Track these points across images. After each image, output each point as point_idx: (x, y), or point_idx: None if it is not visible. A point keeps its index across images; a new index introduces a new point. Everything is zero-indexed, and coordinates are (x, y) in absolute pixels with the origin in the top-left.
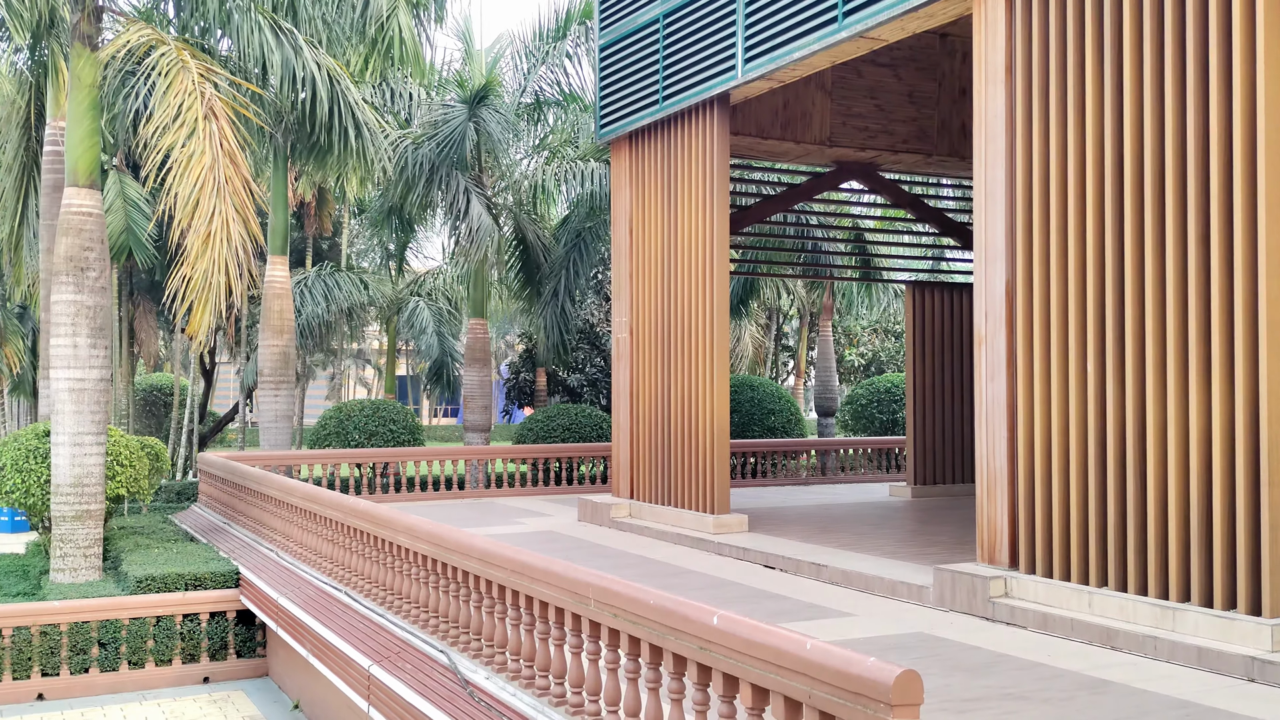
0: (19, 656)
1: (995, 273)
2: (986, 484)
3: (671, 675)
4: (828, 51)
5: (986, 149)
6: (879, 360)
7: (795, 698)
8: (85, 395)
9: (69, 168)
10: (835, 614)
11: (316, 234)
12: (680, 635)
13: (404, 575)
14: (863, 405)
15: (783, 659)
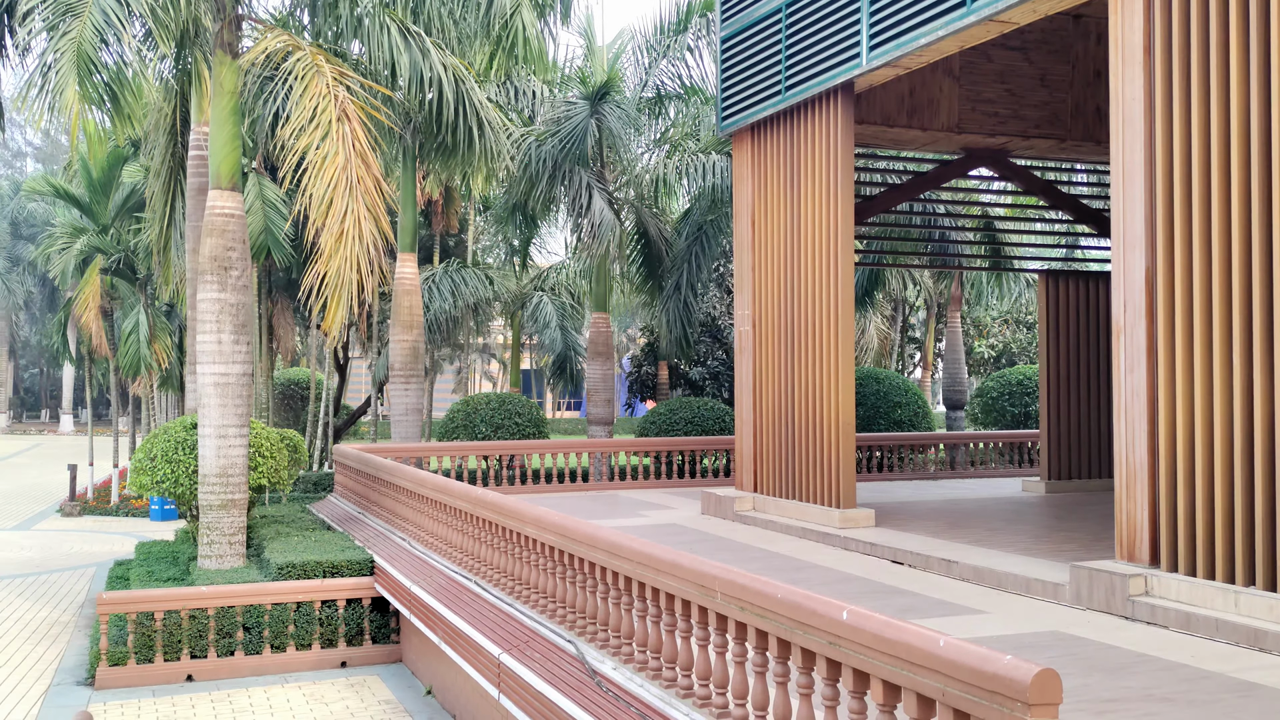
0: (169, 639)
1: (1134, 260)
2: (1125, 479)
3: (800, 670)
4: (956, 36)
5: (1124, 132)
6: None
7: (928, 695)
8: (229, 389)
9: (212, 171)
10: (966, 611)
11: (443, 231)
12: (809, 630)
13: (532, 565)
14: (993, 398)
15: (915, 655)
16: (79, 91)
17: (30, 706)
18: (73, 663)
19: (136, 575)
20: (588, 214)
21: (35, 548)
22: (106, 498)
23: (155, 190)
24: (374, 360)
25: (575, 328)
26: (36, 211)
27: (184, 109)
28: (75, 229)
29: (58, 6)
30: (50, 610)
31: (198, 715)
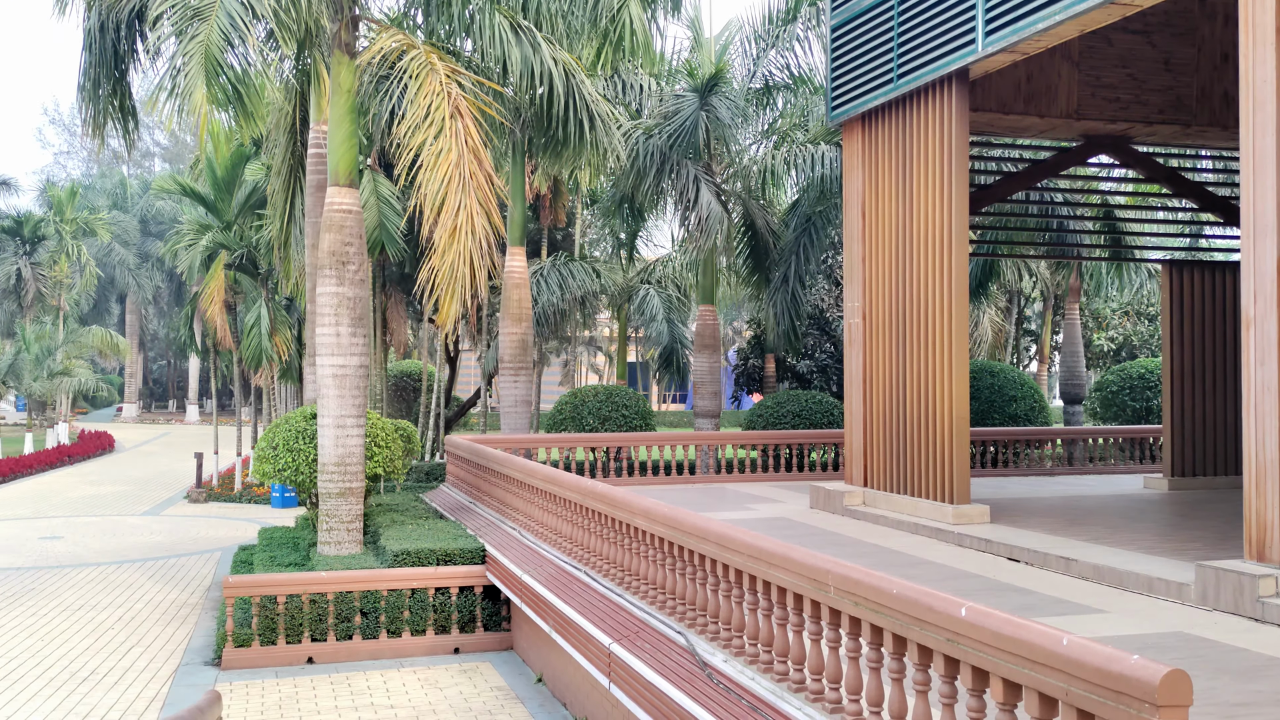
0: (291, 622)
1: (1265, 249)
2: (1255, 476)
3: (916, 666)
4: (1076, 20)
5: (1254, 117)
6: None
7: (1050, 694)
8: (347, 381)
9: (330, 168)
10: (1086, 610)
11: (551, 225)
12: (926, 626)
13: (641, 557)
14: (1113, 392)
15: (1037, 654)
16: (207, 93)
17: (161, 685)
18: (200, 643)
19: (259, 560)
20: (695, 207)
21: (165, 532)
22: (230, 485)
23: (276, 188)
24: (483, 353)
25: (681, 320)
26: (164, 209)
27: (303, 109)
28: (201, 226)
29: (186, 10)
30: (179, 592)
31: (319, 697)
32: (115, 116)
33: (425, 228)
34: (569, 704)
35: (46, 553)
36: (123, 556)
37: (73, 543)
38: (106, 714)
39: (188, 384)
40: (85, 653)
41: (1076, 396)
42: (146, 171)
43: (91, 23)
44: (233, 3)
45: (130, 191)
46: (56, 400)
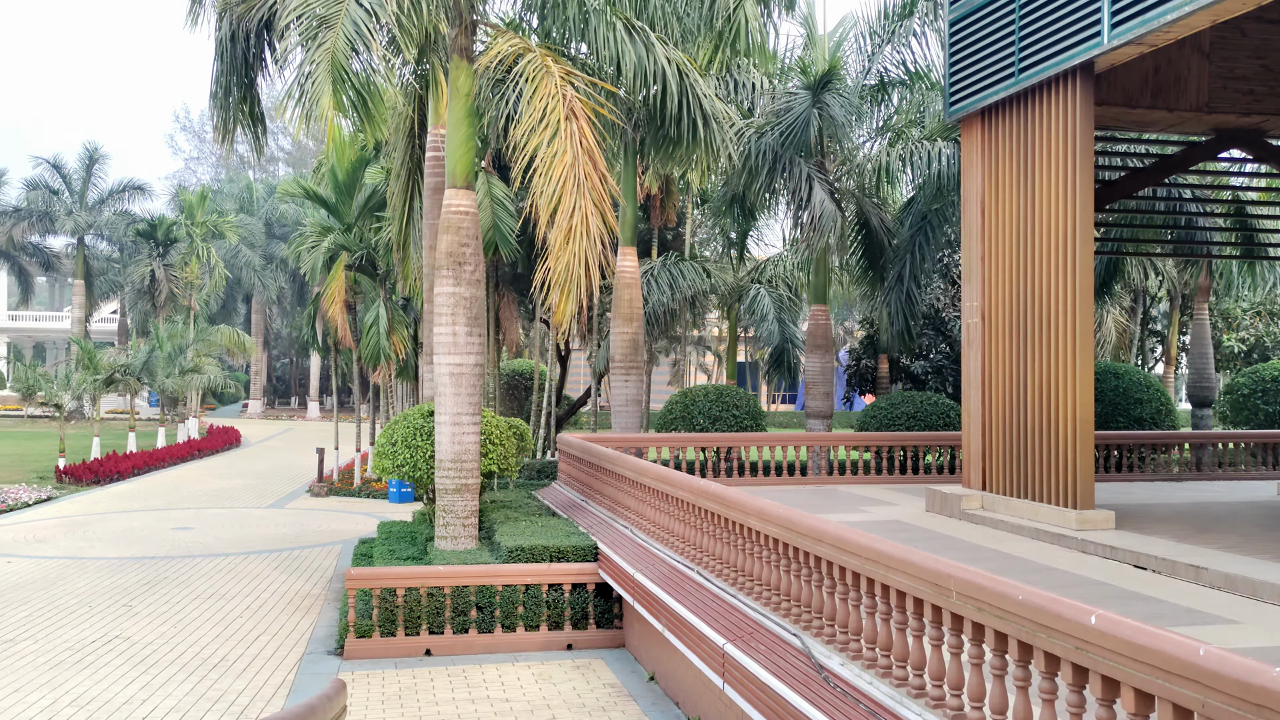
0: (410, 615)
1: None
2: None
3: (1042, 674)
4: (1208, 10)
5: None
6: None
7: (1186, 706)
8: (463, 379)
9: (448, 171)
10: (1218, 620)
11: (662, 225)
12: (1053, 634)
13: (755, 557)
14: (1245, 395)
15: (1171, 664)
16: (332, 99)
17: (287, 673)
18: (323, 633)
19: (379, 553)
20: (808, 205)
21: (289, 524)
22: (350, 480)
23: (395, 190)
24: (593, 352)
25: (792, 320)
26: (288, 212)
27: (421, 113)
28: (323, 228)
29: (313, 19)
30: (303, 583)
31: (437, 688)
32: (244, 123)
33: (540, 229)
34: (681, 703)
35: (178, 543)
36: (249, 548)
37: (203, 534)
38: (237, 699)
39: (309, 381)
40: (216, 640)
41: (1205, 399)
42: (271, 176)
43: (223, 32)
44: (357, 10)
45: (256, 195)
46: (187, 396)
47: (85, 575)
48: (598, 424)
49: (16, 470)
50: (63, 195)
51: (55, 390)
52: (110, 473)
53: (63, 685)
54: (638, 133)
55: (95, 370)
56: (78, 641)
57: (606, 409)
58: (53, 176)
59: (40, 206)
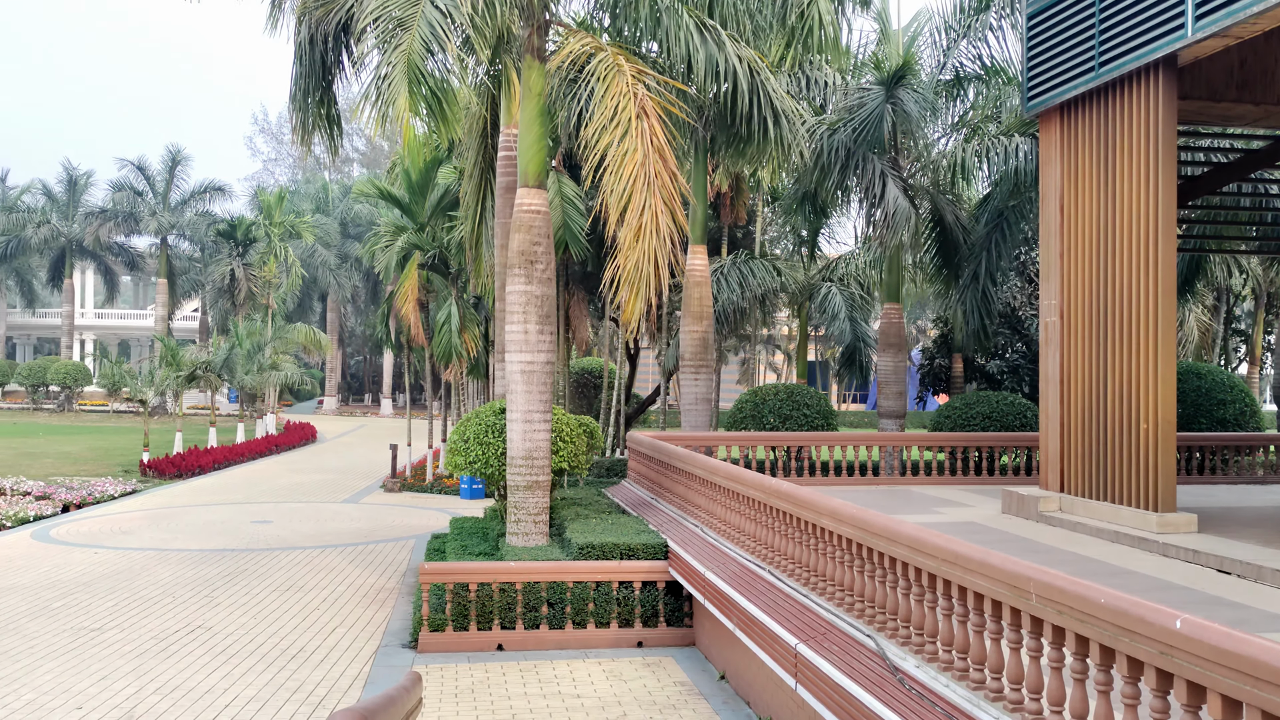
0: (482, 609)
1: None
2: None
3: (1125, 679)
4: None
5: None
6: None
7: (1275, 713)
8: (534, 377)
9: (520, 170)
10: None
11: (732, 223)
12: (1136, 638)
13: (827, 557)
14: None
15: (1261, 670)
16: (408, 100)
17: (363, 664)
18: (398, 626)
19: (451, 549)
20: (881, 203)
21: (363, 519)
22: (422, 476)
23: (468, 190)
24: (663, 350)
25: (864, 318)
26: (362, 212)
27: (494, 113)
28: (396, 228)
29: (389, 21)
30: (377, 577)
31: (509, 683)
32: (321, 125)
33: (610, 227)
34: (753, 702)
35: (258, 535)
36: (325, 541)
37: (281, 527)
38: (315, 689)
39: (382, 379)
40: (294, 631)
41: None
42: (346, 177)
43: (302, 36)
44: (433, 12)
45: (331, 196)
46: (265, 393)
47: (168, 566)
48: (667, 422)
49: (102, 464)
50: (147, 196)
51: (139, 386)
52: (192, 467)
53: (148, 673)
54: (708, 130)
55: (178, 367)
56: (161, 631)
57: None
58: (137, 178)
59: (125, 207)
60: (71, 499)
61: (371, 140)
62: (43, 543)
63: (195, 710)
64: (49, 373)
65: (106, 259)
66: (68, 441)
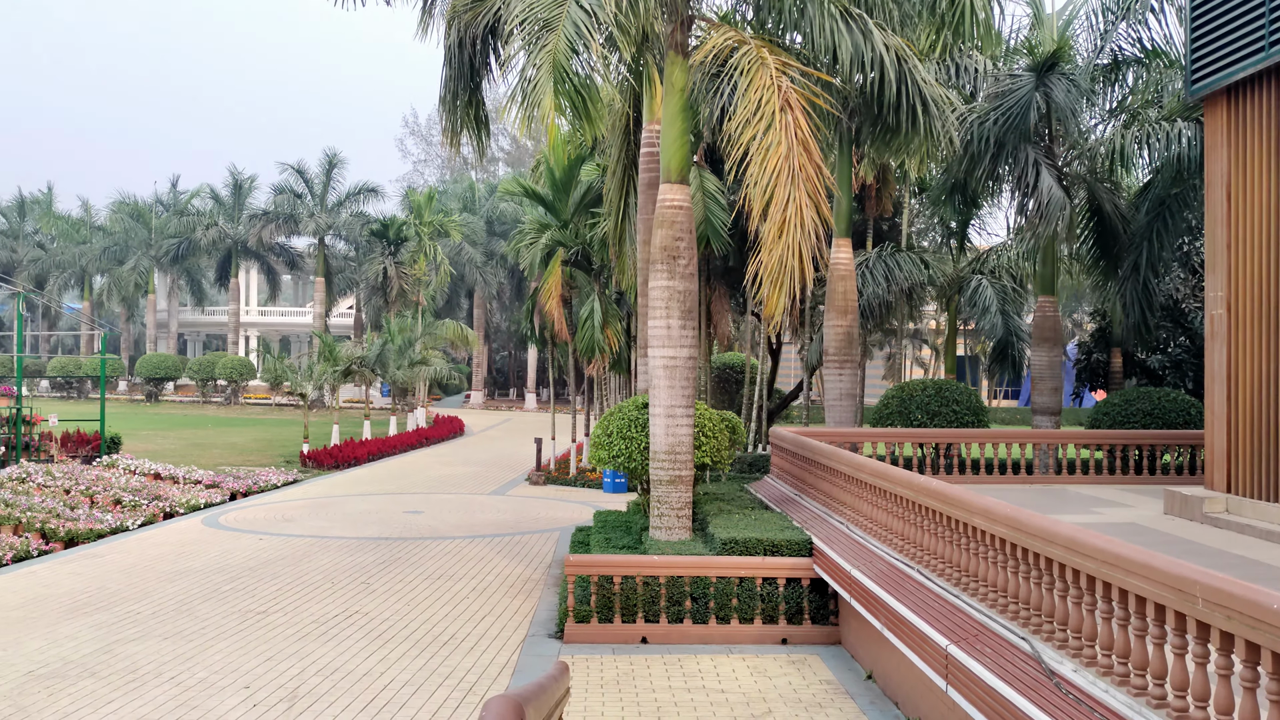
0: (626, 602)
1: None
2: None
3: None
4: None
5: None
6: None
7: None
8: (676, 372)
9: (663, 166)
10: None
11: (877, 215)
12: None
13: (979, 557)
14: None
15: None
16: (553, 99)
17: (511, 653)
18: (544, 616)
19: (595, 541)
20: (1034, 192)
21: (509, 511)
22: (566, 469)
23: (610, 186)
24: (805, 345)
25: (1016, 312)
26: (507, 210)
27: (636, 110)
28: (540, 225)
29: (535, 22)
30: (524, 568)
31: (653, 675)
32: (469, 125)
33: (752, 222)
34: (901, 703)
35: (409, 525)
36: (474, 532)
37: (431, 517)
38: (465, 675)
39: (526, 373)
40: (445, 618)
41: None
42: (492, 176)
43: (451, 40)
44: (578, 12)
45: (478, 195)
46: (415, 387)
47: (328, 553)
48: (810, 418)
49: (266, 454)
50: (305, 199)
51: (299, 380)
52: (348, 458)
53: (309, 656)
54: (853, 121)
55: (335, 362)
56: (322, 615)
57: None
58: (296, 181)
59: (286, 209)
60: (238, 488)
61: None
62: (212, 529)
63: (354, 692)
64: (217, 368)
65: (269, 259)
66: (234, 433)
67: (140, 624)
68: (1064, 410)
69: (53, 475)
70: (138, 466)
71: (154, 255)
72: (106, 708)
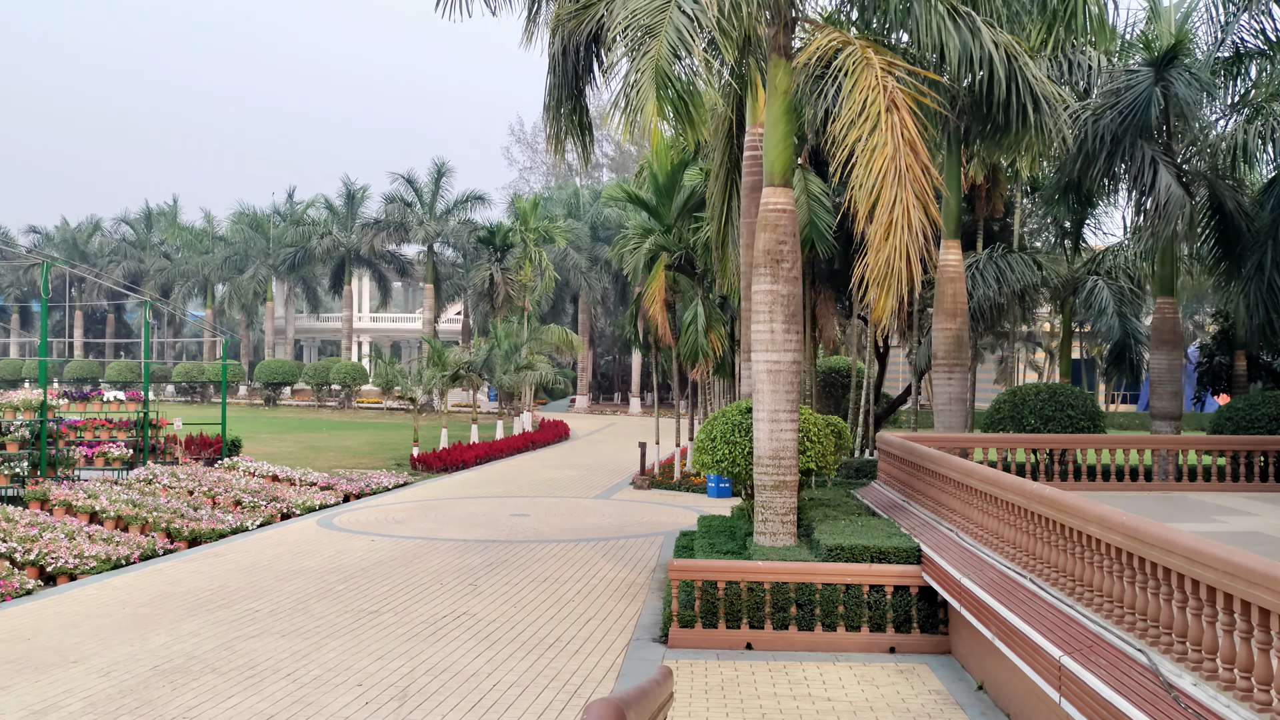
0: (730, 608)
1: None
2: None
3: None
4: None
5: None
6: None
7: None
8: (780, 376)
9: (766, 169)
10: None
11: (987, 215)
12: None
13: (1094, 566)
14: None
15: None
16: (655, 105)
17: (616, 656)
18: (648, 620)
19: (699, 546)
20: (1152, 191)
21: (614, 515)
22: (670, 474)
23: (713, 191)
24: (914, 349)
25: (1134, 314)
26: (611, 216)
27: (739, 113)
28: (644, 230)
29: (638, 29)
30: (628, 571)
31: (758, 682)
32: (574, 132)
33: (858, 224)
34: (1012, 715)
35: (516, 528)
36: (579, 535)
37: (537, 520)
38: (571, 678)
39: (630, 378)
40: (550, 621)
41: None
42: (595, 182)
43: (555, 48)
44: (680, 17)
45: (582, 201)
46: (521, 391)
47: (437, 555)
48: (918, 423)
49: (377, 457)
50: (415, 207)
51: (409, 385)
52: (456, 461)
53: (419, 655)
54: (962, 120)
55: (443, 367)
56: (431, 616)
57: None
58: (406, 190)
59: (396, 218)
60: (351, 490)
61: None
62: (327, 529)
63: (462, 691)
64: (331, 373)
65: (380, 266)
66: (347, 436)
67: (258, 621)
68: (1184, 415)
69: (177, 477)
70: (257, 469)
71: (272, 264)
72: (227, 702)
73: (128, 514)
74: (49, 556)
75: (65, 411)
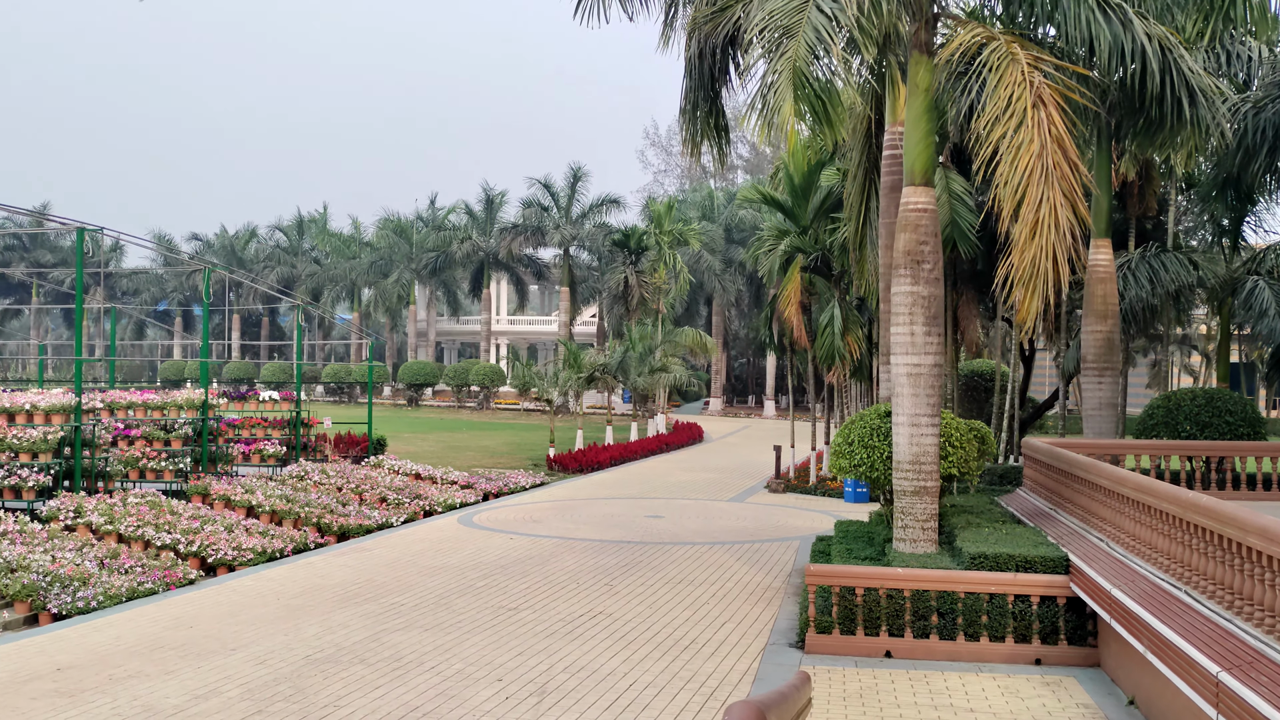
0: (869, 615)
1: None
2: None
3: None
4: None
5: None
6: None
7: None
8: (921, 380)
9: (906, 168)
10: None
11: (1140, 214)
12: None
13: (1254, 579)
14: None
15: None
16: (793, 105)
17: (751, 660)
18: (784, 625)
19: (836, 551)
20: None
21: (748, 518)
22: (805, 477)
23: (851, 191)
24: (1060, 352)
25: None
26: (745, 218)
27: (878, 113)
28: (779, 231)
29: (775, 30)
30: (763, 575)
31: (898, 691)
32: (709, 135)
33: (1002, 223)
34: None
35: (650, 529)
36: (713, 538)
37: (671, 522)
38: (707, 680)
39: (765, 380)
40: (685, 623)
41: None
42: (730, 184)
43: (691, 51)
44: (818, 17)
45: (716, 203)
46: (655, 393)
47: (573, 554)
48: (1066, 429)
49: (515, 458)
50: (551, 211)
51: (546, 387)
52: (591, 462)
53: (556, 653)
54: (1112, 116)
55: (579, 369)
56: (568, 614)
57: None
58: (543, 195)
59: (533, 222)
60: (490, 489)
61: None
62: (467, 527)
63: (599, 690)
64: (470, 374)
65: (517, 270)
66: (486, 437)
67: (403, 615)
68: None
69: (327, 474)
70: (400, 467)
71: (414, 268)
72: (374, 692)
73: (281, 509)
74: (210, 548)
75: (224, 410)
